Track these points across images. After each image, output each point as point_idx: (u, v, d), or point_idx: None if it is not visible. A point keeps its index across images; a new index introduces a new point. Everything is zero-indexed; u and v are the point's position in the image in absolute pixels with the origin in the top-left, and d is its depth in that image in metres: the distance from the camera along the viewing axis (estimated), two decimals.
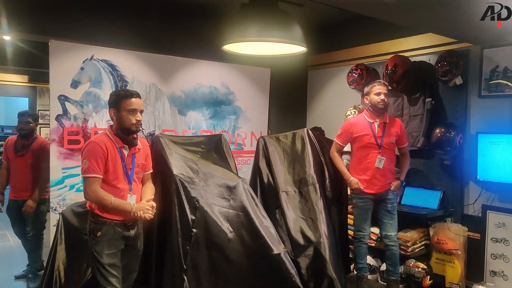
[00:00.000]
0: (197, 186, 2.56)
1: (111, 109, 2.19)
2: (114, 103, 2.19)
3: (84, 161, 2.10)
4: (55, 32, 3.36)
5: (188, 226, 2.46)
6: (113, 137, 2.19)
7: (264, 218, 2.53)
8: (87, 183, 2.10)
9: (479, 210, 3.28)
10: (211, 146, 2.91)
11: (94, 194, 2.09)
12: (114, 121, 2.21)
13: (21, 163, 3.48)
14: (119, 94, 2.20)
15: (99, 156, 2.10)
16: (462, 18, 2.57)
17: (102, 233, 2.13)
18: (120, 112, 2.16)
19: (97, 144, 2.12)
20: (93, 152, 2.10)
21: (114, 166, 2.15)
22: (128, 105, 2.16)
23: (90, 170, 2.09)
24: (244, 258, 2.43)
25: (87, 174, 2.09)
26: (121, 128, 2.18)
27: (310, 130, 3.18)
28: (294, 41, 2.75)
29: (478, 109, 3.34)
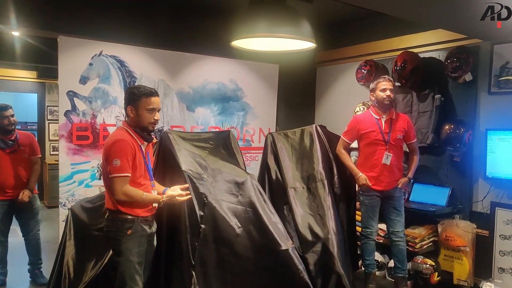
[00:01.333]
0: (206, 182, 2.57)
1: (129, 106, 2.12)
2: (132, 100, 2.11)
3: (115, 160, 2.01)
4: (64, 28, 3.37)
5: (197, 222, 2.47)
6: (134, 134, 2.13)
7: (272, 214, 2.53)
8: (118, 182, 2.02)
9: (487, 207, 3.26)
10: (220, 142, 2.92)
11: (126, 193, 2.04)
12: (131, 118, 2.14)
13: (13, 159, 3.30)
14: (139, 92, 2.11)
15: (129, 155, 2.04)
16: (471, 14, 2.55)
17: (133, 230, 2.10)
18: (139, 110, 2.10)
19: (126, 142, 2.05)
20: (124, 150, 2.03)
21: (139, 163, 2.12)
22: (148, 104, 2.10)
23: (122, 169, 2.01)
24: (252, 254, 2.43)
25: (119, 174, 2.01)
26: (138, 126, 2.14)
27: (319, 126, 3.18)
28: (303, 37, 2.74)
29: (487, 106, 3.31)
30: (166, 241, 2.52)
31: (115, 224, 2.12)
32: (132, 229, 2.10)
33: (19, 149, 3.35)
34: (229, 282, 2.45)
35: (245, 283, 2.44)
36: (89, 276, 2.63)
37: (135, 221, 2.11)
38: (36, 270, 3.43)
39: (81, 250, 2.73)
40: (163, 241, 2.51)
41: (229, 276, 2.45)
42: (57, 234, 3.33)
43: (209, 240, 2.47)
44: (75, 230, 2.79)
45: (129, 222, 2.10)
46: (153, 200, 2.17)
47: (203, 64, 3.90)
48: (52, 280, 2.88)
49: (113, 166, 2.02)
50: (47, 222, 5.51)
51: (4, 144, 3.30)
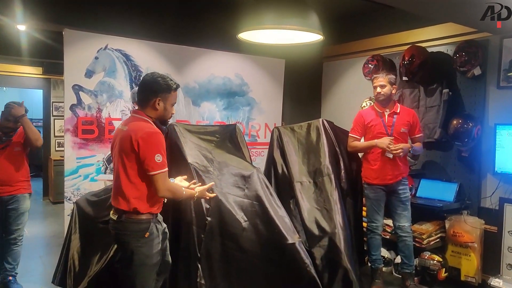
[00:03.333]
0: (212, 175, 2.56)
1: (158, 98, 1.97)
2: (161, 91, 1.98)
3: (157, 156, 1.87)
4: (70, 21, 3.36)
5: (203, 215, 2.46)
6: (158, 127, 2.02)
7: (279, 208, 2.52)
8: (162, 179, 1.89)
9: (496, 203, 3.22)
10: (226, 136, 2.90)
11: (170, 188, 1.95)
12: (155, 110, 1.99)
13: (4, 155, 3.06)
14: (168, 85, 2.00)
15: (164, 148, 1.95)
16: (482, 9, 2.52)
17: (150, 232, 1.96)
18: (167, 104, 2.01)
19: (161, 135, 1.95)
20: (162, 144, 1.92)
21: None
22: (174, 99, 2.05)
23: (164, 164, 1.89)
24: (258, 248, 2.42)
25: (163, 169, 1.88)
26: (160, 118, 2.04)
27: (326, 121, 3.15)
28: (311, 28, 2.71)
29: (496, 100, 3.27)
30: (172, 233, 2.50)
31: (129, 227, 1.95)
32: (149, 231, 1.96)
33: (12, 142, 3.09)
34: (235, 276, 2.44)
35: (251, 277, 2.43)
36: (94, 270, 2.62)
37: (151, 222, 1.97)
38: (10, 276, 3.13)
39: (86, 244, 2.72)
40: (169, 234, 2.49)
41: (234, 270, 2.43)
42: (62, 229, 3.32)
43: (215, 233, 2.45)
44: (80, 223, 2.78)
45: (145, 223, 1.95)
46: (190, 195, 2.08)
47: (209, 59, 3.89)
48: (58, 273, 2.88)
49: (155, 162, 1.86)
50: (53, 218, 5.57)
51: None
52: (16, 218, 3.13)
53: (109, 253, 2.52)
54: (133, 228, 1.95)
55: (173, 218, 2.52)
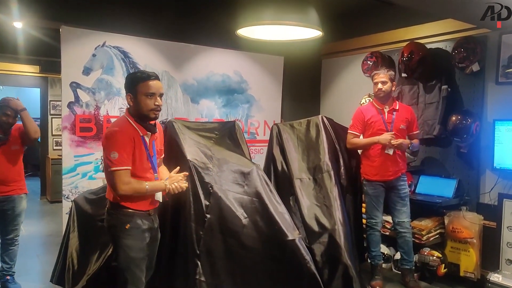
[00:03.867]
0: (211, 171, 2.55)
1: (128, 94, 2.00)
2: (130, 87, 1.99)
3: (112, 153, 1.89)
4: (67, 18, 3.34)
5: (202, 211, 2.45)
6: (136, 125, 2.00)
7: (279, 204, 2.51)
8: (118, 176, 1.90)
9: (495, 199, 3.22)
10: (225, 133, 2.89)
11: (128, 186, 1.92)
12: (132, 107, 2.01)
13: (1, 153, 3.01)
14: (135, 77, 2.00)
15: (129, 147, 1.93)
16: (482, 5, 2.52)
17: (131, 225, 1.98)
18: (138, 96, 1.96)
19: (125, 134, 1.94)
20: (121, 142, 1.91)
21: (140, 155, 2.00)
22: (146, 89, 1.96)
23: (121, 162, 1.90)
24: (259, 244, 2.41)
25: (118, 167, 1.90)
26: (138, 114, 1.99)
27: (325, 117, 3.15)
28: (310, 24, 2.70)
29: (495, 96, 3.27)
30: (170, 229, 2.49)
31: (114, 218, 2.01)
32: (131, 224, 1.98)
33: (9, 140, 3.05)
34: (236, 273, 2.43)
35: (251, 274, 2.42)
36: (93, 268, 2.61)
37: (135, 215, 1.99)
38: (7, 276, 3.14)
39: (85, 242, 2.70)
40: (167, 230, 2.49)
41: (237, 267, 2.43)
42: (60, 228, 3.31)
43: (215, 230, 2.44)
44: (78, 222, 2.76)
45: (129, 216, 1.99)
46: (157, 187, 2.04)
47: (207, 56, 3.87)
48: (56, 272, 2.86)
49: (110, 160, 1.90)
50: (51, 217, 5.54)
51: None
52: (13, 219, 3.09)
53: (107, 251, 2.50)
54: (116, 219, 2.01)
55: (172, 213, 2.51)
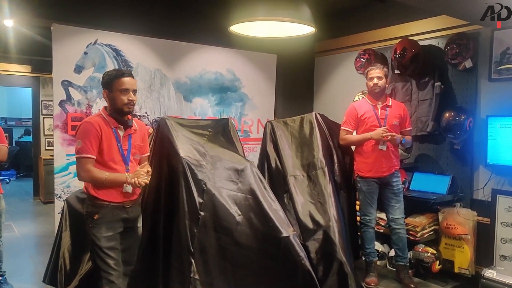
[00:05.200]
0: (205, 169, 2.53)
1: (104, 90, 2.16)
2: (106, 84, 2.14)
3: (78, 141, 2.07)
4: (58, 16, 3.30)
5: (196, 209, 2.43)
6: (107, 118, 2.14)
7: (273, 201, 2.49)
8: (80, 163, 2.06)
9: (488, 195, 3.24)
10: (218, 130, 2.87)
11: (87, 173, 2.05)
12: (108, 102, 2.17)
13: None
14: (110, 74, 2.15)
15: (92, 136, 2.06)
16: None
17: (99, 216, 2.09)
18: (112, 92, 2.13)
19: (91, 124, 2.08)
20: (86, 132, 2.06)
21: (109, 146, 2.11)
22: (119, 85, 2.11)
23: (83, 150, 2.05)
24: (253, 241, 2.39)
25: (80, 154, 2.06)
26: (114, 108, 2.15)
27: (319, 114, 3.14)
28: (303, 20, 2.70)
29: (488, 92, 3.29)
30: (164, 227, 2.47)
31: (87, 209, 2.14)
32: (99, 214, 2.08)
33: None
34: (230, 270, 2.41)
35: (246, 271, 2.40)
36: (85, 268, 2.59)
37: (104, 206, 2.10)
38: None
39: (77, 242, 2.68)
40: (160, 228, 2.46)
41: (229, 264, 2.40)
42: (53, 228, 3.27)
43: (209, 227, 2.42)
44: (71, 221, 2.74)
45: (98, 207, 2.10)
46: (116, 179, 2.10)
47: (200, 54, 3.85)
48: (48, 272, 2.83)
49: (76, 147, 2.08)
50: (43, 217, 5.49)
51: None
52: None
53: None
54: (87, 208, 2.15)
55: (165, 211, 2.48)
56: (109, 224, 2.11)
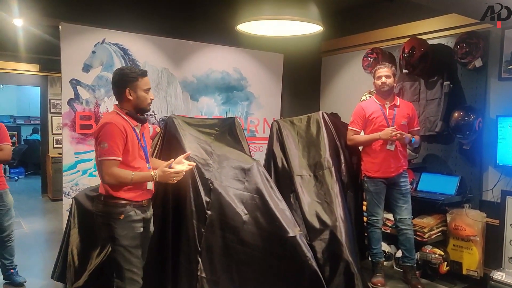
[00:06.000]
0: (212, 168, 2.53)
1: (127, 88, 2.08)
2: (128, 81, 2.08)
3: (103, 144, 1.98)
4: (66, 15, 3.33)
5: (203, 208, 2.44)
6: (126, 117, 2.09)
7: (279, 201, 2.49)
8: (105, 166, 1.99)
9: (498, 196, 3.19)
10: (225, 129, 2.88)
11: (113, 175, 1.99)
12: (129, 101, 2.09)
13: None
14: (134, 72, 2.11)
15: (118, 138, 2.00)
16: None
17: (125, 215, 2.05)
18: (138, 92, 2.09)
19: (115, 125, 2.01)
20: (112, 134, 2.00)
21: (132, 146, 2.07)
22: (144, 84, 2.10)
23: (109, 152, 1.98)
24: (259, 241, 2.39)
25: (107, 157, 1.98)
26: (136, 107, 2.11)
27: (326, 114, 3.12)
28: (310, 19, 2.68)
29: (498, 92, 3.24)
30: (172, 227, 2.48)
31: (107, 209, 2.07)
32: (124, 214, 2.05)
33: None
34: (235, 269, 2.41)
35: (252, 270, 2.41)
36: (94, 264, 2.62)
37: (127, 206, 2.06)
38: (11, 269, 3.19)
39: (85, 239, 2.71)
40: (169, 227, 2.47)
41: (235, 263, 2.41)
42: (61, 225, 3.30)
43: (216, 226, 2.43)
44: (79, 218, 2.77)
45: (121, 207, 2.05)
46: (144, 177, 2.08)
47: (207, 53, 3.86)
48: (57, 268, 2.87)
49: (101, 149, 1.99)
50: (52, 214, 5.56)
51: None
52: (4, 214, 3.11)
53: (108, 247, 2.49)
54: (109, 210, 2.06)
55: (173, 211, 2.49)
56: (133, 223, 2.09)
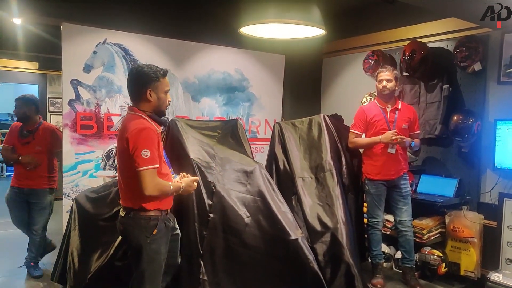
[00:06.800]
0: (214, 171, 2.54)
1: (149, 89, 1.91)
2: (150, 81, 1.90)
3: (144, 151, 1.80)
4: (68, 15, 3.32)
5: (205, 211, 2.45)
6: (151, 121, 1.94)
7: (282, 204, 2.51)
8: (149, 175, 1.81)
9: (496, 198, 3.23)
10: (227, 131, 2.89)
11: (157, 185, 1.85)
12: (149, 102, 1.93)
13: (27, 150, 3.23)
14: (155, 72, 1.92)
15: (156, 144, 1.87)
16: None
17: (158, 229, 1.93)
18: (159, 93, 1.93)
19: (152, 130, 1.87)
20: (152, 140, 1.85)
21: (161, 152, 1.96)
22: (165, 86, 1.97)
23: (152, 160, 1.82)
24: (261, 243, 2.41)
25: (150, 166, 1.81)
26: (157, 110, 1.96)
27: (327, 116, 3.14)
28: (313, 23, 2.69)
29: (496, 96, 3.27)
30: None
31: (138, 223, 1.91)
32: (158, 228, 1.92)
33: (32, 141, 3.25)
34: (237, 272, 2.43)
35: (254, 273, 2.43)
36: (94, 266, 2.61)
37: (159, 218, 1.94)
38: (32, 262, 3.31)
39: (86, 241, 2.70)
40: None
41: (237, 266, 2.43)
42: (61, 226, 3.29)
43: (218, 229, 2.44)
44: (80, 220, 2.76)
45: (153, 220, 1.92)
46: (177, 188, 1.97)
47: (208, 54, 3.85)
48: (57, 271, 2.86)
49: (142, 158, 1.80)
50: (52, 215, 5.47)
51: (20, 134, 3.30)
52: (38, 212, 3.28)
53: (109, 251, 2.50)
54: (141, 224, 1.92)
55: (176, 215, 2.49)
56: (166, 235, 2.00)
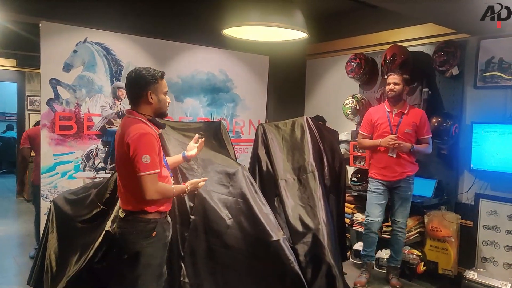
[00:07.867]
0: (196, 172, 2.53)
1: (149, 91, 1.88)
2: (149, 84, 1.88)
3: (145, 156, 1.79)
4: (47, 13, 3.24)
5: (187, 213, 2.43)
6: (150, 124, 1.92)
7: (264, 205, 2.51)
8: (150, 180, 1.81)
9: (472, 198, 3.34)
10: (210, 133, 2.87)
11: (159, 190, 1.85)
12: (150, 105, 1.91)
13: None
14: (155, 74, 1.90)
15: (156, 148, 1.86)
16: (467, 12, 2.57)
17: (157, 232, 1.91)
18: (159, 95, 1.92)
19: (152, 135, 1.85)
20: (152, 145, 1.84)
21: (161, 155, 1.94)
22: (164, 87, 1.95)
23: (153, 165, 1.81)
24: (243, 245, 2.41)
25: (152, 171, 1.81)
26: (158, 112, 1.95)
27: (310, 118, 3.17)
28: (296, 26, 2.71)
29: (473, 99, 3.38)
30: None
31: (136, 226, 1.89)
32: (156, 230, 1.91)
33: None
34: (219, 273, 2.42)
35: (235, 274, 2.42)
36: (73, 270, 2.55)
37: (158, 221, 1.92)
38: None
39: (64, 243, 2.64)
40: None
41: (218, 267, 2.42)
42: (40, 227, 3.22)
43: (200, 231, 2.43)
44: (58, 222, 2.70)
45: (152, 223, 1.90)
46: (181, 191, 2.00)
47: (192, 54, 3.83)
48: (34, 274, 2.79)
49: (142, 163, 1.79)
50: (27, 216, 5.33)
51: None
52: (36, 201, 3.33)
53: (88, 253, 2.45)
54: (140, 227, 1.90)
55: None
56: (164, 239, 1.98)
